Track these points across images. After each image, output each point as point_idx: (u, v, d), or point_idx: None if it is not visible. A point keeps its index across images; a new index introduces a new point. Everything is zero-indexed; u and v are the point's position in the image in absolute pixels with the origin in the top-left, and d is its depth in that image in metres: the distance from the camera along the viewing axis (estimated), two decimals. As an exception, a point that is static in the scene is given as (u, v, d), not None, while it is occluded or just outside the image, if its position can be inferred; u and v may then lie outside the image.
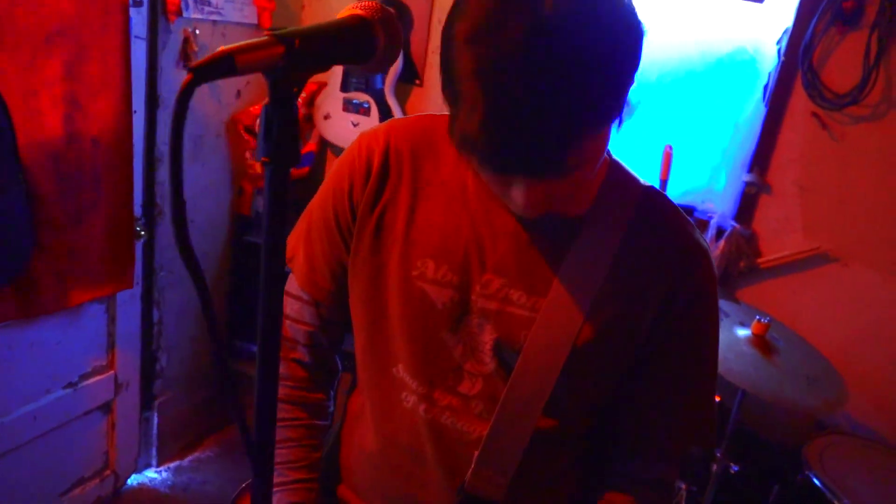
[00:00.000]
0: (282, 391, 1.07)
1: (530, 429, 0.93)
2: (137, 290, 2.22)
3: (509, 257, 0.92)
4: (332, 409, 1.13)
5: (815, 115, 2.24)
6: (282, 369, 1.07)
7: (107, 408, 2.26)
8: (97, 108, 1.85)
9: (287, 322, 1.07)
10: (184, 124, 0.50)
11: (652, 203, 0.95)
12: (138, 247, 2.14)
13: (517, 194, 0.79)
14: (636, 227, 0.93)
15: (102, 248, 1.96)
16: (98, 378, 2.17)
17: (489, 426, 0.94)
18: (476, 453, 0.94)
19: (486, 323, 0.93)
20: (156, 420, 2.48)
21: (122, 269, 2.05)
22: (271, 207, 0.62)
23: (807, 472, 1.88)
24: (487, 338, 0.93)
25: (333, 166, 1.04)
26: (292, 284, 1.07)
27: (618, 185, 0.95)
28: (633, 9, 0.74)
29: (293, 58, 0.57)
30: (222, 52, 0.54)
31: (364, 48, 0.66)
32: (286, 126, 0.59)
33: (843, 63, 2.17)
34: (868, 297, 2.28)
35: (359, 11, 0.66)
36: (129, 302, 2.21)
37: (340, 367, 1.14)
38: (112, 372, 2.22)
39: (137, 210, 2.12)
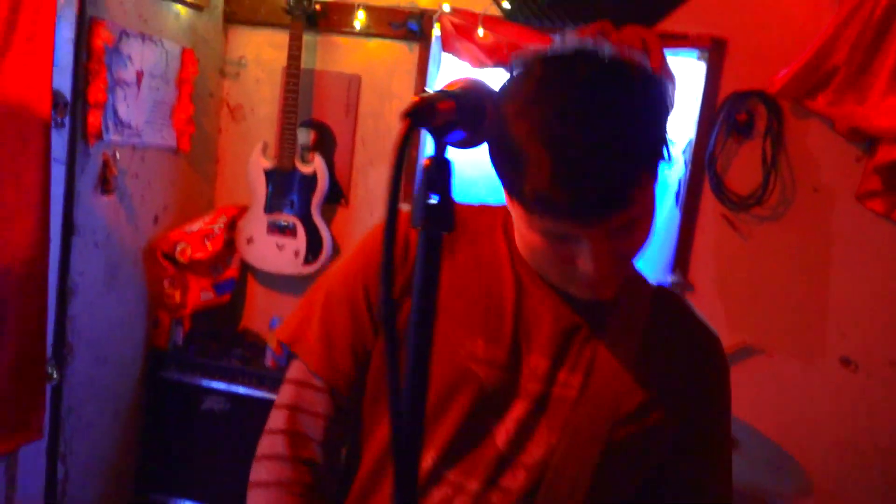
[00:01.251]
0: (286, 499, 0.91)
1: None
2: (43, 443, 1.93)
3: (554, 338, 0.90)
4: None
5: (724, 216, 2.43)
6: (286, 472, 0.92)
7: (-1, 591, 1.89)
8: (10, 237, 1.67)
9: (297, 415, 0.94)
10: (402, 171, 0.45)
11: (665, 298, 1.00)
12: (48, 391, 1.89)
13: (584, 260, 0.79)
14: (655, 319, 0.95)
15: (8, 394, 1.71)
16: (-9, 555, 1.83)
17: None
18: None
19: (534, 407, 0.89)
20: None
21: (29, 418, 1.78)
22: (425, 275, 0.57)
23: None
24: (533, 422, 0.89)
25: (358, 244, 0.98)
26: (299, 370, 0.95)
27: (632, 278, 0.99)
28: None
29: (461, 114, 0.55)
30: (423, 100, 0.53)
31: (478, 116, 0.64)
32: (446, 189, 0.55)
33: (743, 168, 2.39)
34: (794, 383, 2.39)
35: (464, 84, 0.64)
36: (32, 457, 1.91)
37: None
38: (7, 545, 1.88)
39: (48, 349, 1.88)
